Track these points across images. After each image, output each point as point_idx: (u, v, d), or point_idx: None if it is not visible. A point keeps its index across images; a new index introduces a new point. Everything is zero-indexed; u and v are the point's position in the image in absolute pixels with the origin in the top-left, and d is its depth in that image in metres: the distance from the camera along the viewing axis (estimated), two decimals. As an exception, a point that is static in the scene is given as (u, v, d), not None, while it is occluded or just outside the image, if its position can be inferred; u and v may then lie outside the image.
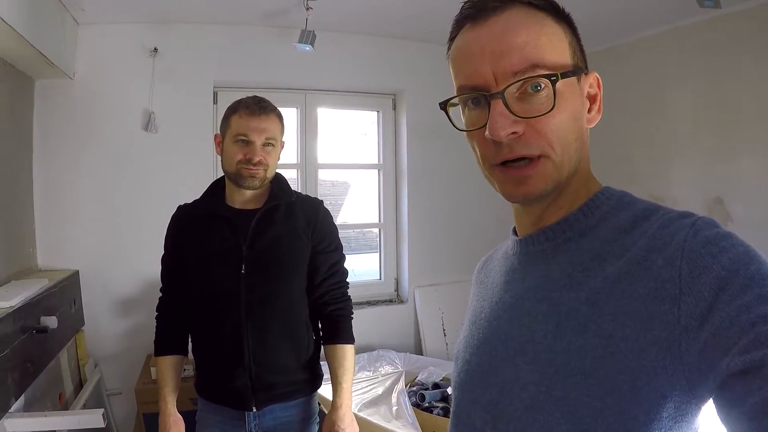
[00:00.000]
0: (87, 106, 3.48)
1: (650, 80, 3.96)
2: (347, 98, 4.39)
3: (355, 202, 4.62)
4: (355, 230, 4.73)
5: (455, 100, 0.89)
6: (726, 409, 0.64)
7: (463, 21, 0.88)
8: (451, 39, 0.91)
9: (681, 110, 3.81)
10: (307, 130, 4.19)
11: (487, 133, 0.80)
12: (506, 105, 0.79)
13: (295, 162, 4.18)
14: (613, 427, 0.70)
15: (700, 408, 0.71)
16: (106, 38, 3.50)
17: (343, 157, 4.55)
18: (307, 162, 4.23)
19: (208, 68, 3.78)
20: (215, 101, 3.91)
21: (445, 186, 4.46)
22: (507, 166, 0.82)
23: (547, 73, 0.79)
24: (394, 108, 4.51)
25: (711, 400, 0.68)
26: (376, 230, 4.61)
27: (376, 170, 4.57)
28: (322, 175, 4.38)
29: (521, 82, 0.79)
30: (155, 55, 3.58)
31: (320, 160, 4.32)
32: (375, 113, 4.55)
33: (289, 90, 4.06)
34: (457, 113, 0.90)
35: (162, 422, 2.10)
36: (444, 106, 0.90)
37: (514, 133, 0.79)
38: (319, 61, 3.95)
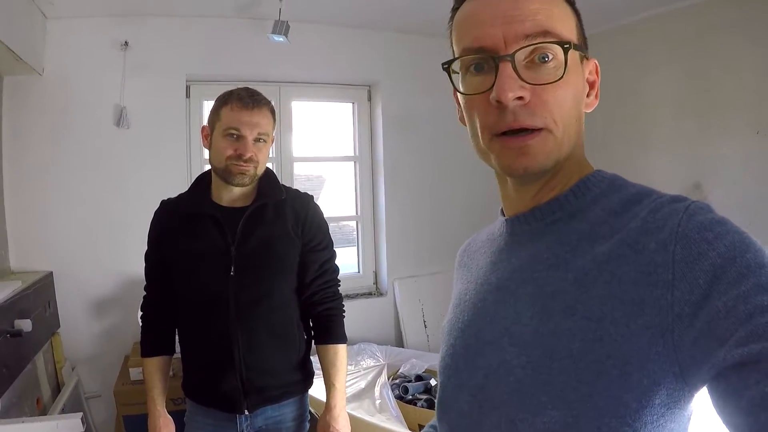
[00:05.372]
0: (57, 103, 3.41)
1: (629, 66, 3.97)
2: (322, 90, 4.36)
3: (331, 196, 4.60)
4: (332, 224, 4.70)
5: (456, 67, 0.86)
6: (722, 402, 0.63)
7: None
8: (455, 9, 0.88)
9: (660, 96, 3.85)
10: (282, 123, 4.15)
11: (493, 94, 0.77)
12: (515, 68, 0.77)
13: (270, 155, 4.12)
14: (603, 413, 0.69)
15: (692, 395, 0.70)
16: (75, 32, 3.43)
17: (318, 150, 4.52)
18: (283, 156, 4.19)
19: (180, 61, 3.73)
20: (188, 95, 3.86)
21: (422, 177, 4.45)
22: (508, 136, 0.80)
23: (559, 40, 0.78)
24: (370, 99, 4.48)
25: (705, 388, 0.68)
26: (353, 223, 4.59)
27: (352, 162, 4.55)
28: (297, 169, 4.34)
29: (531, 48, 0.78)
30: (126, 48, 3.52)
31: (295, 154, 4.29)
32: (350, 105, 4.52)
33: (263, 82, 4.00)
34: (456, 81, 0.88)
35: (151, 424, 2.05)
36: (447, 67, 0.86)
37: (520, 98, 0.77)
38: (293, 53, 3.91)
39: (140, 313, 2.15)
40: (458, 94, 0.87)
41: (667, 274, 0.68)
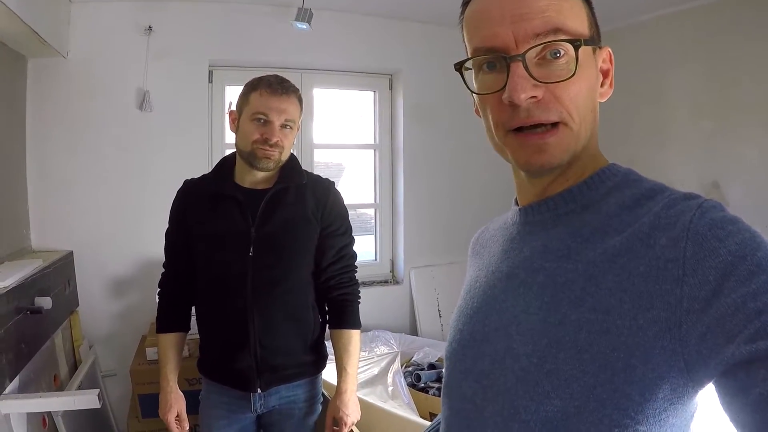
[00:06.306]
0: (81, 86, 3.44)
1: (649, 64, 3.93)
2: (343, 78, 4.36)
3: (350, 184, 4.60)
4: (350, 211, 4.70)
5: (469, 64, 0.86)
6: (728, 398, 0.63)
7: None
8: (465, 4, 0.88)
9: (679, 94, 3.81)
10: (303, 110, 4.14)
11: (505, 95, 0.78)
12: (526, 68, 0.77)
13: (292, 142, 4.13)
14: (606, 405, 0.70)
15: (696, 392, 0.70)
16: (99, 16, 3.44)
17: (338, 138, 4.53)
18: (303, 142, 4.20)
19: (203, 46, 3.74)
20: (210, 80, 3.87)
21: (441, 167, 4.44)
22: (524, 132, 0.80)
23: (569, 38, 0.78)
24: (391, 88, 4.47)
25: (710, 385, 0.67)
26: (371, 211, 4.60)
27: (372, 150, 4.54)
28: (317, 156, 4.35)
29: (542, 46, 0.78)
30: (150, 33, 3.53)
31: (316, 141, 4.29)
32: (371, 93, 4.51)
33: (285, 69, 3.99)
34: (470, 78, 0.88)
35: (162, 400, 2.10)
36: (459, 67, 0.87)
37: (533, 97, 0.77)
38: (316, 40, 3.91)
39: (158, 290, 2.19)
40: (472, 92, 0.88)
41: (678, 269, 0.68)
